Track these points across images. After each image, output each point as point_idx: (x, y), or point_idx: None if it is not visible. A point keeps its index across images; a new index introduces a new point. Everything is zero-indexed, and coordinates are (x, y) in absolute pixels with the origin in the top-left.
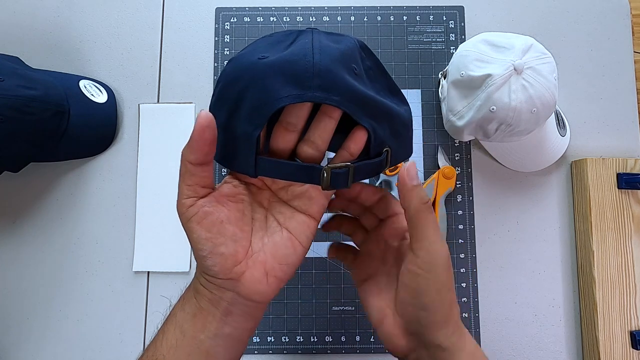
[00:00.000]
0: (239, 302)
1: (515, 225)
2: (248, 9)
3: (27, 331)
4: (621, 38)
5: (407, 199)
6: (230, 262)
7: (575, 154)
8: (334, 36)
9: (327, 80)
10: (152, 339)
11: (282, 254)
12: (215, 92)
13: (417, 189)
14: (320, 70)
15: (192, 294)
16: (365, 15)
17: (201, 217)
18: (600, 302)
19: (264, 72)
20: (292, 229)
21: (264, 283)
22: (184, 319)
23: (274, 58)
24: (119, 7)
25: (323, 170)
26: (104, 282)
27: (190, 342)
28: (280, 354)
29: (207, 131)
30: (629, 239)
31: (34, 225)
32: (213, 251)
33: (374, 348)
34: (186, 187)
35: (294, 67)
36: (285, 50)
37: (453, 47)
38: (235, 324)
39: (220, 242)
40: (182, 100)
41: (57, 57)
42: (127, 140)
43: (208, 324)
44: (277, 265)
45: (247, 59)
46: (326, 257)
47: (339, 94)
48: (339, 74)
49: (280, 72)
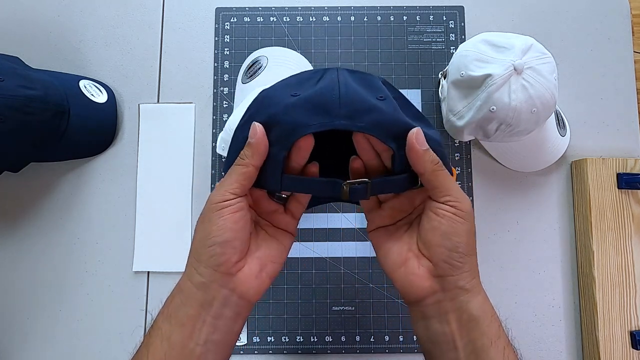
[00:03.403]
0: (231, 302)
1: (515, 225)
2: (248, 9)
3: (27, 331)
4: (621, 38)
5: (420, 164)
6: (235, 258)
7: (575, 154)
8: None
9: (352, 109)
10: (135, 355)
11: (274, 253)
12: (246, 116)
13: (428, 153)
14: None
15: (179, 302)
16: (365, 15)
17: (235, 209)
18: (600, 302)
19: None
20: (277, 237)
21: (259, 278)
22: (171, 331)
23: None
24: (119, 7)
25: (343, 185)
26: (104, 282)
27: (180, 353)
28: (280, 354)
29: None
30: (629, 239)
31: (34, 225)
32: (229, 242)
33: (374, 348)
34: (238, 184)
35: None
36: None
37: (453, 47)
38: (225, 328)
39: (239, 236)
40: (182, 100)
41: (57, 57)
42: (127, 140)
43: (197, 331)
44: (270, 263)
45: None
46: (326, 257)
47: (363, 120)
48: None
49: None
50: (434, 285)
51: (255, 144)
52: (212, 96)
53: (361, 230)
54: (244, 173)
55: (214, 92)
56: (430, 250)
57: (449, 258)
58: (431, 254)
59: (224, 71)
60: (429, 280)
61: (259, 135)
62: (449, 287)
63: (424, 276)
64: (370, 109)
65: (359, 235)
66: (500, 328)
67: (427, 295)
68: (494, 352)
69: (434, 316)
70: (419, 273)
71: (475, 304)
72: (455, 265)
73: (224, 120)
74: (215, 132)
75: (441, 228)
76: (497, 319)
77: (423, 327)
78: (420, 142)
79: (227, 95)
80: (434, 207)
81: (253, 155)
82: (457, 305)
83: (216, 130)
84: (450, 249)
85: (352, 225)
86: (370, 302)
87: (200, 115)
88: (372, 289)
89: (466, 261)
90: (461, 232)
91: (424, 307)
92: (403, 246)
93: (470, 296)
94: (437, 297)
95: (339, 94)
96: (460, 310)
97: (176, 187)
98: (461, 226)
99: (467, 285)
